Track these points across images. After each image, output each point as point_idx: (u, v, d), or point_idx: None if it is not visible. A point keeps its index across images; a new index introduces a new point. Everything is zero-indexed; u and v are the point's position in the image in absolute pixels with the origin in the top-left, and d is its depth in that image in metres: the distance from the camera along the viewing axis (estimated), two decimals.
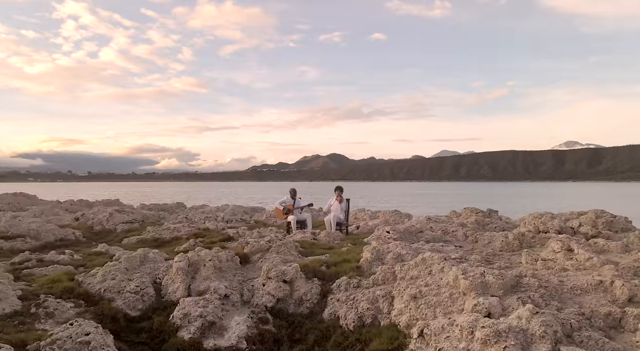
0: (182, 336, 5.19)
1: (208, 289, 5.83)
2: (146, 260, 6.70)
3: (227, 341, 5.20)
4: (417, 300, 5.14)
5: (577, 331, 4.42)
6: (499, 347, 3.97)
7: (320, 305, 6.10)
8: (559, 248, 7.93)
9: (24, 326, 4.75)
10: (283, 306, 6.06)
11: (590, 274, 5.84)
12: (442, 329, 4.50)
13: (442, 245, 8.50)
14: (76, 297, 5.59)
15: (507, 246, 9.59)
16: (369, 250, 6.96)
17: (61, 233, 11.08)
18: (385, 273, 6.09)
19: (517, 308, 4.66)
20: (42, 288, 5.74)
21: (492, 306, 4.63)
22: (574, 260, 7.34)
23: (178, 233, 11.06)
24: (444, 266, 5.50)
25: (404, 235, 9.93)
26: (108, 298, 5.72)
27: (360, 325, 5.51)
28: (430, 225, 11.99)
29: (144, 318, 5.60)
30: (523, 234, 10.40)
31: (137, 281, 5.91)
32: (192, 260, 6.14)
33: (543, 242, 10.10)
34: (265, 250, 7.41)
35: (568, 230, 12.31)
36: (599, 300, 5.10)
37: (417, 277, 5.62)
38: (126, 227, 13.12)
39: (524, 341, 4.10)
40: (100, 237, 12.12)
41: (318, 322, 5.82)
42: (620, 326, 4.75)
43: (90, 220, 14.15)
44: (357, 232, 11.66)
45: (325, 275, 6.50)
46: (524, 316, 4.29)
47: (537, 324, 4.18)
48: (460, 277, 5.01)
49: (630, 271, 6.88)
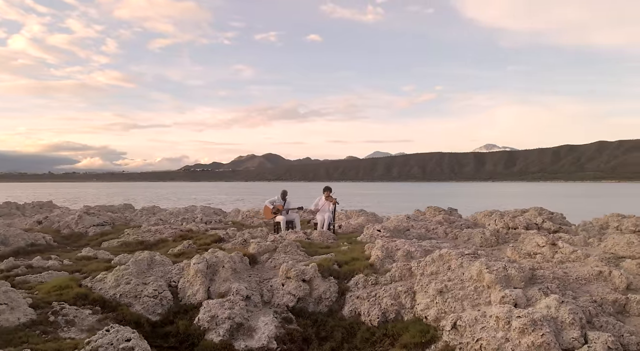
0: (211, 339, 5.09)
1: (229, 291, 5.75)
2: (153, 263, 6.46)
3: (257, 342, 5.16)
4: (444, 294, 5.38)
5: (595, 317, 4.84)
6: (536, 335, 4.27)
7: (338, 302, 6.19)
8: (544, 242, 8.53)
9: (48, 336, 4.47)
10: (303, 305, 6.09)
11: (589, 265, 6.37)
12: (476, 320, 4.75)
13: (437, 242, 8.86)
14: (91, 303, 5.31)
15: (486, 242, 10.17)
16: (379, 247, 7.14)
17: (31, 238, 10.35)
18: (401, 270, 6.29)
19: (539, 298, 5.02)
20: (50, 296, 5.39)
21: (518, 298, 4.96)
22: (560, 253, 7.94)
23: (161, 235, 10.68)
24: (463, 261, 5.79)
25: (394, 233, 10.22)
26: (125, 303, 5.48)
27: (384, 321, 5.67)
28: (411, 224, 12.42)
29: (166, 322, 5.43)
30: (498, 231, 11.06)
31: (153, 285, 5.70)
32: (211, 262, 6.02)
33: (515, 237, 10.81)
34: (272, 250, 7.38)
35: (533, 226, 13.23)
36: (604, 289, 5.59)
37: (436, 273, 5.87)
38: (98, 230, 12.45)
39: (556, 328, 4.44)
40: (72, 241, 11.44)
41: (339, 319, 5.91)
42: (625, 311, 5.25)
43: (56, 223, 13.29)
44: (341, 231, 11.82)
45: (340, 274, 6.60)
46: (552, 305, 4.64)
47: (565, 312, 4.54)
48: (484, 271, 5.30)
49: (611, 262, 7.57)
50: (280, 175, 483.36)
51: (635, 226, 11.17)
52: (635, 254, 8.10)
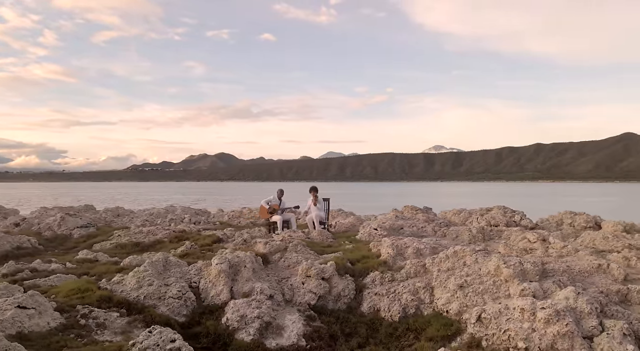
0: (242, 339, 5.13)
1: (252, 290, 5.78)
2: (168, 264, 6.38)
3: (287, 340, 5.24)
4: (464, 288, 5.65)
5: (606, 306, 5.23)
6: (561, 324, 4.59)
7: (356, 299, 6.35)
8: (535, 238, 9.03)
9: (84, 339, 4.37)
10: (323, 303, 6.21)
11: (585, 259, 6.83)
12: (500, 313, 5.03)
13: (437, 240, 9.18)
14: (116, 306, 5.21)
15: (473, 238, 10.61)
16: (389, 245, 7.35)
17: (16, 241, 9.91)
18: (416, 267, 6.52)
19: (554, 290, 5.37)
20: (72, 299, 5.24)
21: (536, 290, 5.28)
22: (551, 248, 8.43)
23: (155, 236, 10.48)
24: (477, 257, 6.08)
25: (390, 231, 10.50)
26: (150, 305, 5.41)
27: (404, 316, 5.88)
28: (400, 222, 12.75)
29: (192, 323, 5.40)
30: (483, 228, 11.56)
31: (177, 286, 5.65)
32: (233, 262, 6.02)
33: (499, 234, 11.37)
34: (283, 250, 7.45)
35: (512, 223, 13.88)
36: (606, 280, 6.03)
37: (452, 268, 6.13)
38: (83, 232, 12.03)
39: (576, 318, 4.78)
40: (58, 244, 11.01)
41: (359, 316, 6.08)
42: (627, 300, 5.69)
43: (36, 225, 12.71)
44: (335, 230, 11.98)
45: (355, 272, 6.76)
46: (570, 296, 4.99)
47: (583, 302, 4.89)
48: (502, 266, 5.61)
49: (600, 256, 8.11)
50: (233, 175, 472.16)
51: (587, 222, 12.16)
52: (612, 248, 8.70)
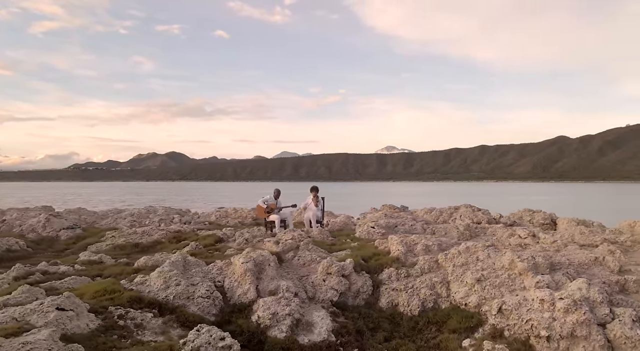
0: (275, 336, 5.23)
1: (278, 288, 5.89)
2: (187, 264, 6.38)
3: (318, 336, 5.38)
4: (482, 282, 5.97)
5: (612, 295, 5.68)
6: (579, 313, 4.98)
7: (374, 295, 6.57)
8: (526, 234, 9.55)
9: (128, 340, 4.36)
10: (343, 299, 6.39)
11: (583, 252, 7.33)
12: (519, 304, 5.38)
13: (436, 237, 9.53)
14: (147, 306, 5.19)
15: (462, 235, 11.08)
16: (399, 243, 7.61)
17: (5, 244, 9.53)
18: (429, 263, 6.81)
19: (565, 282, 5.78)
20: (100, 301, 5.18)
21: (550, 282, 5.67)
22: (541, 243, 8.96)
23: (151, 237, 10.33)
24: (489, 252, 6.43)
25: (386, 229, 10.79)
26: (180, 305, 5.41)
27: (423, 310, 6.15)
28: (393, 221, 13.09)
29: (223, 322, 5.44)
30: (469, 225, 12.06)
31: (204, 285, 5.67)
32: (257, 261, 6.09)
33: (484, 231, 11.89)
34: (295, 248, 7.56)
35: (493, 221, 14.53)
36: (604, 272, 6.52)
37: (467, 263, 6.46)
38: (71, 234, 11.66)
39: (590, 307, 5.19)
40: (47, 246, 10.64)
41: (379, 311, 6.30)
42: (625, 289, 6.18)
43: (17, 227, 12.21)
44: (329, 229, 12.17)
45: (370, 268, 6.97)
46: (583, 287, 5.39)
47: (595, 292, 5.30)
48: (516, 260, 5.97)
49: (586, 249, 8.67)
50: (185, 175, 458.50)
51: (544, 219, 13.07)
52: (592, 242, 9.34)
